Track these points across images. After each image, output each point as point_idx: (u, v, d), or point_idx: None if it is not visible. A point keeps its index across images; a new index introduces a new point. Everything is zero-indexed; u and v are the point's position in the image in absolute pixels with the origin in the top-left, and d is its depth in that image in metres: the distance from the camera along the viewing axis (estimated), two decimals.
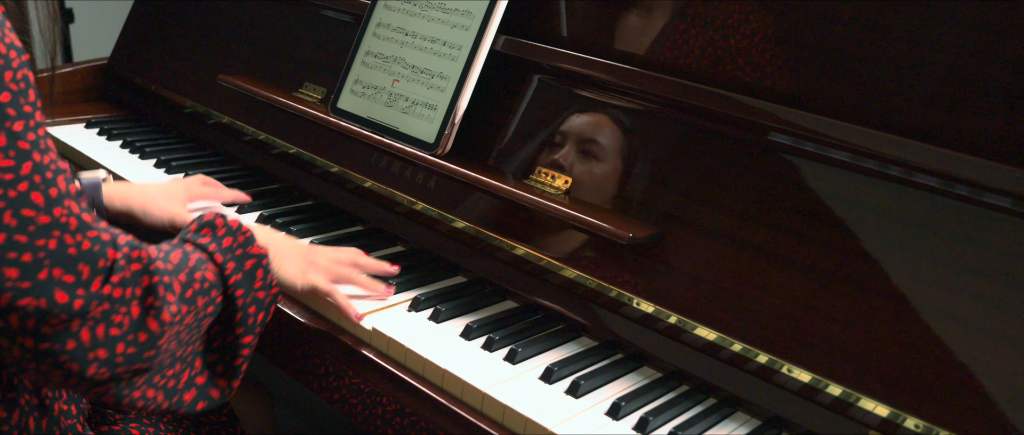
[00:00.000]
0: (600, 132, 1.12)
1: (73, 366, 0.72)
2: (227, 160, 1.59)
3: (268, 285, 0.94)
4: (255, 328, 0.92)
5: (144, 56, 1.79)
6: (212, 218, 0.94)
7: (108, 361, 0.74)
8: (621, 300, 1.03)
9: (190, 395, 0.87)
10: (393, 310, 1.09)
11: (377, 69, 1.31)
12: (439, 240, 1.22)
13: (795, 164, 0.97)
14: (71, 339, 0.71)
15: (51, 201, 0.68)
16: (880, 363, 0.85)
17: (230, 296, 0.89)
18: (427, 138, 1.22)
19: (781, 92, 1.00)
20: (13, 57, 0.66)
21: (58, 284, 0.69)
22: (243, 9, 1.65)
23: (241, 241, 0.93)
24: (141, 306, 0.76)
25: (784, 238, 0.95)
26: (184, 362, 0.86)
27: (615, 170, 1.10)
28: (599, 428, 0.90)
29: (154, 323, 0.77)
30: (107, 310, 0.73)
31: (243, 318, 0.90)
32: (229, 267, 0.89)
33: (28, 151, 0.66)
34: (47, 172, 0.68)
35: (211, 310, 0.87)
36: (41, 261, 0.68)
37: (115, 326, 0.74)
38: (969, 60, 0.90)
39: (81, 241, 0.70)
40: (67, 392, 0.90)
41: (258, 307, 0.92)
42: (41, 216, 0.67)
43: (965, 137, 0.89)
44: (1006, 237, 0.83)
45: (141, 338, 0.76)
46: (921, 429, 0.82)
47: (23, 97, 0.66)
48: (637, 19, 1.15)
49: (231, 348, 0.91)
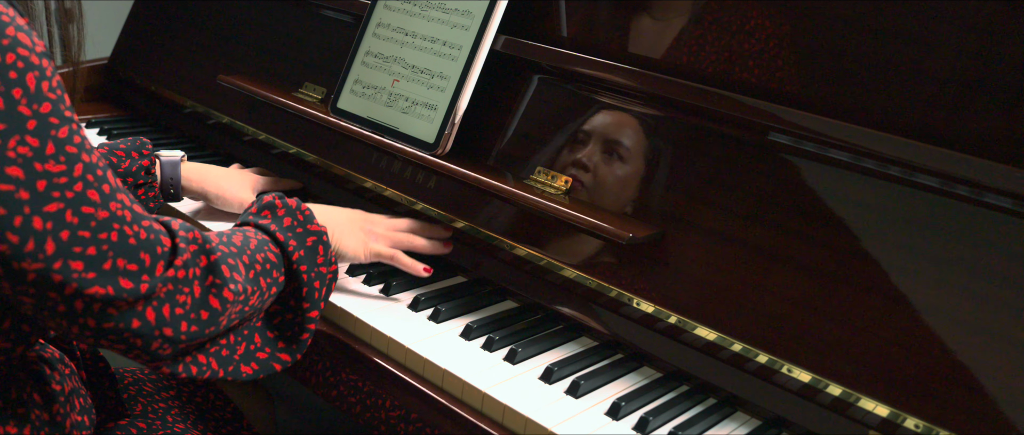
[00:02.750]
0: (600, 132, 1.12)
1: (137, 341, 0.76)
2: (227, 160, 1.59)
3: (329, 261, 0.98)
4: (320, 303, 0.96)
5: (144, 56, 1.79)
6: (272, 200, 0.98)
7: (173, 338, 0.78)
8: (621, 300, 1.02)
9: (250, 368, 0.90)
10: (393, 310, 1.09)
11: (377, 69, 1.31)
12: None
13: (795, 164, 0.97)
14: (136, 318, 0.75)
15: (106, 197, 0.71)
16: (880, 363, 0.85)
17: (295, 272, 0.93)
18: (427, 138, 1.22)
19: (781, 92, 1.00)
20: (46, 66, 0.68)
21: (122, 273, 0.72)
22: (243, 9, 1.64)
23: (301, 219, 0.97)
24: (202, 285, 0.80)
25: (784, 238, 0.95)
26: (240, 335, 0.89)
27: (614, 170, 1.10)
28: (599, 428, 0.90)
29: (216, 301, 0.81)
30: (171, 291, 0.77)
31: (309, 293, 0.94)
32: (291, 245, 0.94)
33: (77, 154, 0.70)
34: (97, 170, 0.71)
35: (274, 291, 0.92)
36: (105, 253, 0.71)
37: (179, 305, 0.78)
38: (969, 60, 0.90)
39: (138, 231, 0.74)
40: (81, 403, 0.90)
41: (322, 283, 0.96)
42: (100, 211, 0.71)
43: (965, 137, 0.89)
44: (1006, 237, 0.83)
45: (203, 315, 0.80)
46: (921, 429, 0.82)
47: (62, 104, 0.69)
48: (637, 19, 1.15)
49: (297, 323, 0.95)
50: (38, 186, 0.67)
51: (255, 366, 0.91)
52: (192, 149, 1.63)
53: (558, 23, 1.22)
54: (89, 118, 1.74)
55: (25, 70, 0.66)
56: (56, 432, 0.85)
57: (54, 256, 0.69)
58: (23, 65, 0.66)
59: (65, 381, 0.88)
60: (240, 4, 1.65)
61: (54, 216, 0.68)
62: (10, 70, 0.65)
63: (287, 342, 0.95)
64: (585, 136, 1.13)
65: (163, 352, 0.79)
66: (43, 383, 0.85)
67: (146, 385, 1.14)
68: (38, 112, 0.67)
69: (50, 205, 0.68)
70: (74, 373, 0.92)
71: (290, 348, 0.95)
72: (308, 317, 0.95)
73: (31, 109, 0.67)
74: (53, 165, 0.68)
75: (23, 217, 0.67)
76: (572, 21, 1.21)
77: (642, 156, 1.08)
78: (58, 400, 0.86)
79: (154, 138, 1.67)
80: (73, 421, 0.87)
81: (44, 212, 0.68)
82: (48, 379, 0.86)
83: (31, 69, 0.67)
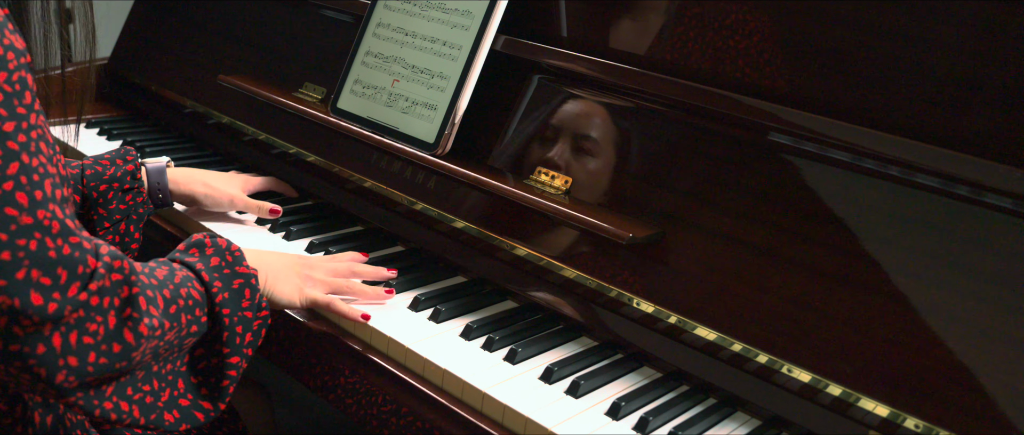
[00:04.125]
0: (600, 132, 1.12)
1: (41, 371, 0.71)
2: (227, 160, 1.59)
3: (257, 306, 0.93)
4: (242, 349, 0.91)
5: (144, 56, 1.79)
6: (202, 238, 0.94)
7: (78, 369, 0.73)
8: (621, 300, 1.02)
9: (172, 416, 0.86)
10: (393, 310, 1.09)
11: (377, 69, 1.31)
12: (439, 240, 1.22)
13: (795, 164, 0.97)
14: (41, 343, 0.70)
15: (36, 203, 0.68)
16: (880, 363, 0.85)
17: (216, 315, 0.89)
18: (427, 138, 1.22)
19: (781, 92, 1.00)
20: (11, 58, 0.67)
21: (35, 285, 0.68)
22: (243, 9, 1.65)
23: (230, 260, 0.92)
24: (119, 317, 0.75)
25: (784, 238, 0.95)
26: (163, 380, 0.85)
27: (615, 170, 1.10)
28: (599, 428, 0.90)
29: (130, 335, 0.76)
30: (82, 318, 0.72)
31: (230, 338, 0.90)
32: (216, 286, 0.89)
33: (17, 152, 0.67)
34: (34, 175, 0.68)
35: (195, 330, 0.87)
36: (20, 260, 0.67)
37: (88, 334, 0.73)
38: (969, 60, 0.90)
39: (61, 246, 0.70)
40: None
41: (245, 327, 0.91)
42: (24, 216, 0.67)
43: (965, 137, 0.89)
44: (1006, 237, 0.83)
45: (115, 349, 0.75)
46: (921, 429, 0.82)
47: (17, 99, 0.67)
48: (637, 19, 1.15)
49: (217, 369, 0.90)
50: None
51: (177, 414, 0.86)
52: (192, 149, 1.63)
53: (558, 23, 1.22)
54: (89, 118, 1.73)
55: None
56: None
57: None
58: None
59: None
60: (240, 4, 1.65)
61: None
62: None
63: (210, 389, 0.90)
64: (585, 136, 1.13)
65: (69, 385, 0.73)
66: None
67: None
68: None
69: None
70: None
71: (212, 396, 0.90)
72: (228, 363, 0.90)
73: None
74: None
75: None
76: (572, 21, 1.21)
77: (642, 156, 1.08)
78: None
79: (154, 138, 1.67)
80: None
81: None
82: None
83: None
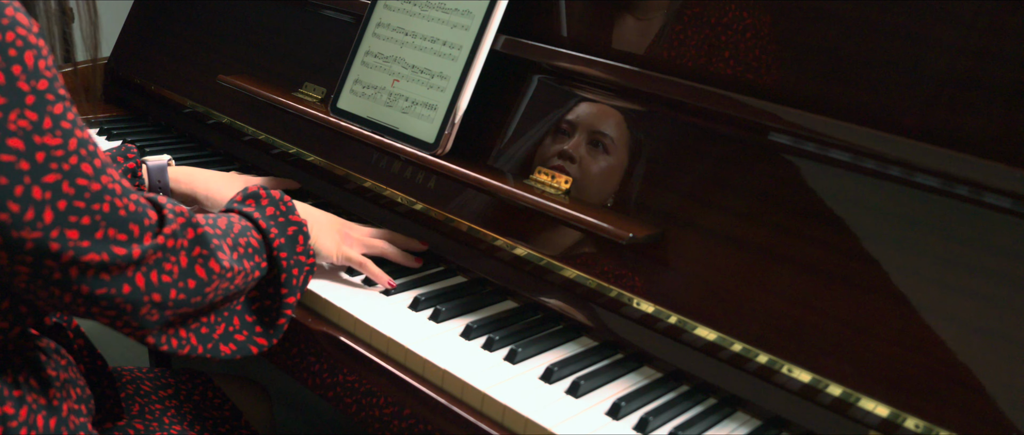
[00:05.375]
0: (600, 132, 1.12)
1: (127, 306, 0.79)
2: (227, 160, 1.59)
3: (307, 252, 1.01)
4: (297, 291, 1.00)
5: (144, 56, 1.79)
6: (256, 190, 1.03)
7: (161, 304, 0.81)
8: (621, 300, 1.02)
9: (228, 348, 0.94)
10: (393, 310, 1.09)
11: (377, 69, 1.31)
12: (439, 240, 1.22)
13: (795, 164, 0.97)
14: (127, 284, 0.78)
15: (98, 170, 0.75)
16: (880, 363, 0.85)
17: (275, 259, 0.97)
18: (427, 138, 1.22)
19: (781, 92, 1.00)
20: (42, 45, 0.71)
21: (113, 242, 0.76)
22: (243, 9, 1.65)
23: (283, 209, 1.01)
24: (189, 256, 0.83)
25: (784, 238, 0.95)
26: (219, 315, 0.93)
27: (615, 170, 1.10)
28: (599, 428, 0.90)
29: (202, 271, 0.85)
30: (160, 259, 0.80)
31: (288, 279, 0.98)
32: (273, 232, 0.98)
33: (71, 129, 0.73)
34: (90, 145, 0.75)
35: (257, 275, 0.95)
36: (98, 223, 0.75)
37: (166, 273, 0.81)
38: (969, 60, 0.90)
39: (127, 203, 0.77)
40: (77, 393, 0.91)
41: (300, 270, 1.00)
42: (93, 184, 0.74)
43: (965, 137, 0.89)
44: (1006, 237, 0.83)
45: (190, 284, 0.84)
46: (921, 429, 0.82)
47: (56, 82, 0.72)
48: (637, 19, 1.15)
49: (275, 309, 0.98)
50: (37, 157, 0.70)
51: (233, 346, 0.94)
52: (192, 149, 1.63)
53: (558, 23, 1.22)
54: (89, 118, 1.73)
55: (24, 48, 0.69)
56: (53, 416, 0.86)
57: (52, 225, 0.72)
58: (22, 43, 0.69)
59: (60, 370, 0.90)
60: (240, 4, 1.65)
61: (52, 186, 0.71)
62: (10, 48, 0.69)
63: (264, 327, 0.98)
64: (586, 136, 1.13)
65: (151, 318, 0.81)
66: (39, 369, 0.87)
67: (144, 384, 1.14)
68: (36, 88, 0.70)
69: (48, 176, 0.71)
70: (71, 364, 0.93)
71: (267, 333, 0.98)
72: (285, 303, 0.98)
73: (29, 85, 0.70)
74: (50, 138, 0.71)
75: (24, 187, 0.70)
76: (572, 21, 1.21)
77: (642, 156, 1.08)
78: (54, 384, 0.87)
79: (154, 138, 1.67)
80: (70, 407, 0.88)
81: (43, 182, 0.71)
82: (43, 365, 0.88)
83: (29, 48, 0.70)
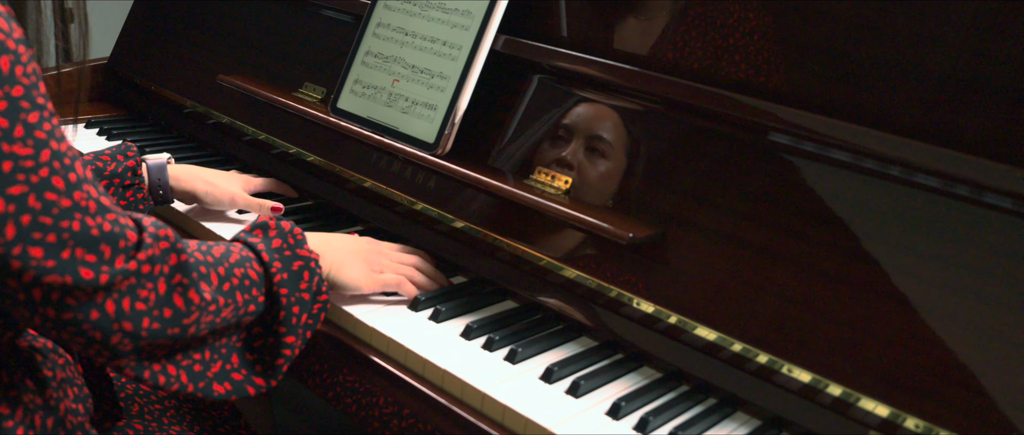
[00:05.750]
0: (600, 132, 1.12)
1: (96, 334, 0.75)
2: (227, 160, 1.59)
3: (315, 290, 0.96)
4: (298, 330, 0.94)
5: (144, 56, 1.79)
6: (266, 221, 0.98)
7: (132, 333, 0.77)
8: (621, 300, 1.03)
9: (222, 388, 0.89)
10: (393, 310, 1.09)
11: (377, 69, 1.31)
12: (439, 240, 1.22)
13: (795, 164, 0.97)
14: (95, 310, 0.74)
15: (71, 185, 0.71)
16: (880, 363, 0.85)
17: (275, 295, 0.92)
18: (427, 138, 1.22)
19: (781, 92, 1.00)
20: (22, 51, 0.69)
21: (81, 263, 0.72)
22: (243, 9, 1.64)
23: (291, 242, 0.96)
24: (168, 283, 0.79)
25: (784, 238, 0.95)
26: (216, 352, 0.88)
27: (615, 170, 1.10)
28: (599, 428, 0.90)
29: (180, 301, 0.80)
30: (133, 284, 0.76)
31: (286, 317, 0.92)
32: (275, 266, 0.92)
33: (45, 140, 0.70)
34: (65, 159, 0.71)
35: (253, 309, 0.90)
36: (65, 241, 0.71)
37: (140, 300, 0.77)
38: (969, 60, 0.90)
39: (102, 222, 0.73)
40: (75, 392, 0.90)
41: (302, 308, 0.94)
42: (62, 199, 0.71)
43: (965, 137, 0.89)
44: (1006, 237, 0.83)
45: (166, 313, 0.79)
46: (921, 429, 0.82)
47: (35, 90, 0.69)
48: (637, 19, 1.15)
49: (272, 348, 0.93)
50: (3, 167, 0.67)
51: (228, 386, 0.89)
52: (192, 149, 1.63)
53: (558, 23, 1.22)
54: (88, 118, 1.74)
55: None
56: (50, 415, 0.85)
57: (13, 241, 0.69)
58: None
59: (57, 369, 0.88)
60: (240, 4, 1.65)
61: (17, 199, 0.68)
62: None
63: (264, 366, 0.93)
64: (586, 136, 1.13)
65: (123, 348, 0.78)
66: (34, 369, 0.86)
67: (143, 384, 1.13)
68: (9, 94, 0.67)
69: (14, 187, 0.68)
70: (69, 364, 0.92)
71: (265, 373, 0.93)
72: (283, 342, 0.93)
73: (2, 91, 0.67)
74: (20, 147, 0.68)
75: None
76: (572, 21, 1.21)
77: (642, 156, 1.08)
78: (50, 385, 0.86)
79: (154, 138, 1.67)
80: (67, 407, 0.88)
81: (7, 194, 0.68)
82: (39, 365, 0.86)
83: (5, 53, 0.67)
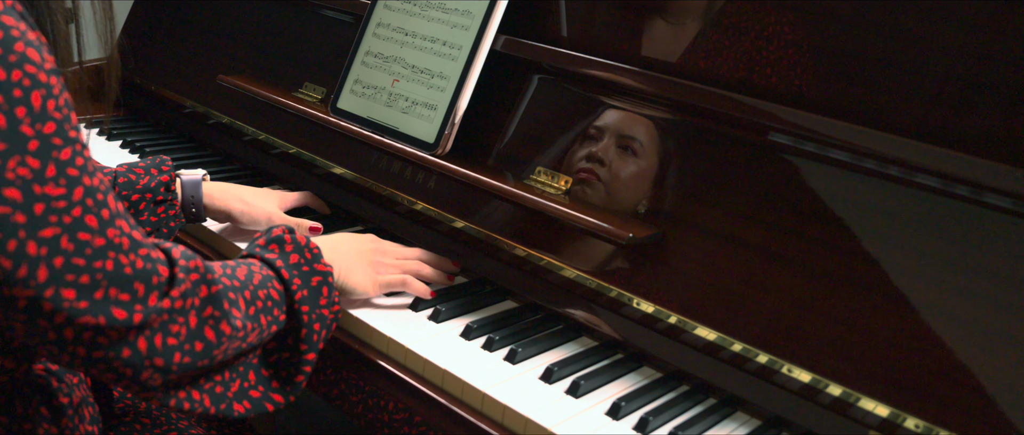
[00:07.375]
0: (600, 132, 1.12)
1: (127, 371, 0.74)
2: (227, 160, 1.59)
3: (332, 303, 0.95)
4: (318, 345, 0.93)
5: (143, 56, 1.79)
6: (281, 234, 0.96)
7: (164, 368, 0.75)
8: (621, 300, 1.03)
9: (242, 406, 0.87)
10: (394, 310, 1.09)
11: (377, 69, 1.31)
12: (439, 240, 1.22)
13: (795, 164, 0.97)
14: (127, 347, 0.72)
15: (104, 223, 0.69)
16: (880, 363, 0.85)
17: (296, 312, 0.91)
18: (427, 138, 1.22)
19: (781, 92, 1.00)
20: (54, 83, 0.66)
21: (114, 302, 0.70)
22: (243, 9, 1.64)
23: (308, 258, 0.94)
24: (199, 316, 0.77)
25: (784, 238, 0.95)
26: (234, 371, 0.87)
27: (615, 170, 1.10)
28: (599, 428, 0.90)
29: (212, 333, 0.78)
30: (165, 321, 0.74)
31: (308, 334, 0.92)
32: (295, 283, 0.91)
33: (78, 177, 0.67)
34: (98, 194, 0.69)
35: (275, 329, 0.89)
36: (99, 282, 0.69)
37: (172, 336, 0.75)
38: (969, 60, 0.90)
39: (135, 260, 0.71)
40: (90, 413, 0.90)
41: (322, 325, 0.94)
42: (96, 238, 0.68)
43: (965, 137, 0.89)
44: (1006, 237, 0.83)
45: (198, 347, 0.77)
46: (921, 429, 0.82)
47: (67, 123, 0.67)
48: (637, 19, 1.15)
49: (292, 364, 0.92)
50: (36, 209, 0.65)
51: (247, 405, 0.88)
52: (192, 149, 1.63)
53: (558, 23, 1.22)
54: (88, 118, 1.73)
55: (31, 88, 0.64)
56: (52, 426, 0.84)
57: (46, 284, 0.66)
58: (29, 83, 0.64)
59: (73, 392, 0.87)
60: (240, 4, 1.65)
61: (49, 241, 0.65)
62: (15, 88, 0.63)
63: (281, 382, 0.92)
64: (585, 136, 1.13)
65: (153, 383, 0.76)
66: (50, 396, 0.84)
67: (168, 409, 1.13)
68: (41, 132, 0.64)
69: (46, 230, 0.65)
70: (82, 382, 0.91)
71: (284, 389, 0.92)
72: (304, 359, 0.92)
73: (34, 129, 0.64)
74: (53, 188, 0.65)
75: (17, 241, 0.64)
76: (572, 21, 1.21)
77: (642, 156, 1.08)
78: (66, 413, 0.84)
79: (154, 138, 1.67)
80: (83, 431, 0.86)
81: (39, 237, 0.65)
82: (55, 392, 0.84)
83: (38, 87, 0.64)
